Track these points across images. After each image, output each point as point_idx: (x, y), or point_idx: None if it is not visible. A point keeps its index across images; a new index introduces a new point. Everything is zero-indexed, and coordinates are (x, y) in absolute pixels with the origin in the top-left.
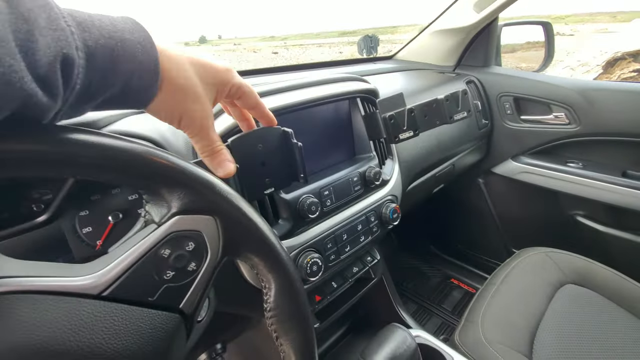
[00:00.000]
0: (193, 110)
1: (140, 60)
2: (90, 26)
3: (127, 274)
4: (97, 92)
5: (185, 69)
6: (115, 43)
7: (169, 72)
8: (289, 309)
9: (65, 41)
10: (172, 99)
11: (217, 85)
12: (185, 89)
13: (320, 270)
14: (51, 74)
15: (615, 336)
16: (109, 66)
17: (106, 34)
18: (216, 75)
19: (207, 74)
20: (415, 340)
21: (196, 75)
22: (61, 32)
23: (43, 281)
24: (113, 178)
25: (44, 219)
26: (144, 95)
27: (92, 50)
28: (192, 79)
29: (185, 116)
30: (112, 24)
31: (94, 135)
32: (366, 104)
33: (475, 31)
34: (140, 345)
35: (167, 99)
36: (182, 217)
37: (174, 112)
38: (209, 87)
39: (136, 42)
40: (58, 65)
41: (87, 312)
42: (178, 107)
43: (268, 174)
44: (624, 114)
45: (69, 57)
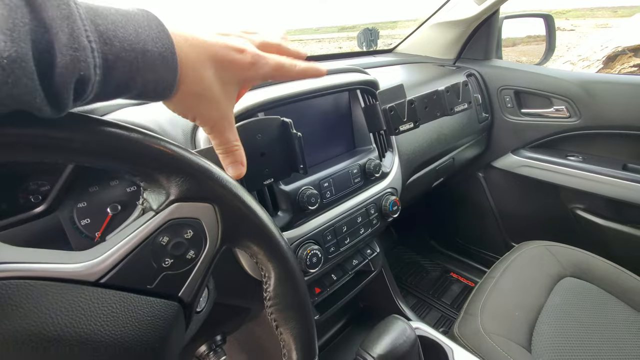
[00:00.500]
0: (208, 113)
1: (159, 71)
2: (113, 38)
3: (125, 261)
4: (109, 98)
5: (203, 74)
6: (135, 56)
7: (186, 79)
8: (289, 298)
9: (85, 62)
10: (186, 102)
11: (241, 83)
12: (201, 95)
13: (319, 262)
14: (64, 93)
15: (614, 328)
16: (127, 77)
17: (128, 46)
18: (238, 74)
19: (229, 73)
20: (414, 332)
21: (215, 76)
22: (82, 52)
23: (40, 267)
24: (109, 164)
25: (41, 209)
26: (156, 99)
27: (110, 65)
28: (209, 84)
29: (198, 117)
30: (136, 32)
31: (90, 121)
32: (366, 95)
33: (476, 24)
34: (138, 332)
35: (181, 101)
36: (181, 205)
37: (187, 113)
38: (231, 86)
39: (158, 53)
40: (72, 86)
41: (84, 299)
42: (191, 110)
43: (267, 165)
44: (624, 106)
45: (85, 77)
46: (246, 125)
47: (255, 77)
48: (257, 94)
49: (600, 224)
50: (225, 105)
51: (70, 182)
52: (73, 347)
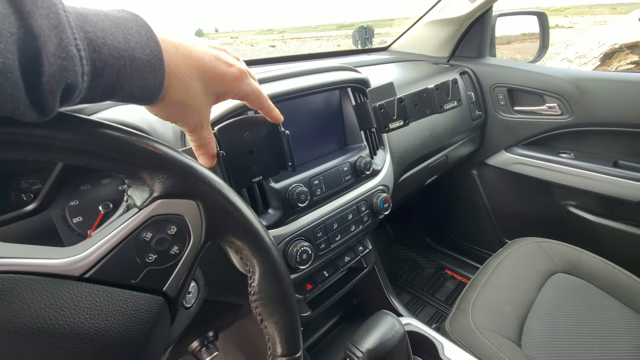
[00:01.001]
0: (190, 118)
1: (146, 78)
2: (102, 45)
3: (109, 256)
4: (94, 101)
5: (190, 84)
6: (124, 63)
7: (172, 89)
8: (273, 293)
9: (73, 71)
10: (171, 109)
11: (222, 94)
12: (185, 103)
13: (310, 259)
14: (50, 100)
15: (604, 324)
16: (113, 84)
17: (116, 53)
18: (222, 86)
19: (214, 84)
20: (403, 327)
21: (201, 86)
22: (70, 61)
23: (24, 262)
24: (92, 162)
25: (32, 207)
26: (141, 103)
27: (98, 72)
28: (194, 94)
29: (180, 121)
30: (125, 38)
31: (73, 120)
32: (357, 93)
33: (469, 21)
34: (123, 326)
35: (166, 109)
36: (164, 201)
37: (169, 118)
38: (211, 94)
39: (146, 60)
40: (58, 94)
41: (68, 293)
42: (175, 115)
43: (256, 162)
44: (616, 103)
45: (72, 85)
46: (234, 123)
47: (237, 92)
48: None
49: (592, 220)
50: (205, 110)
51: (62, 180)
52: (57, 339)
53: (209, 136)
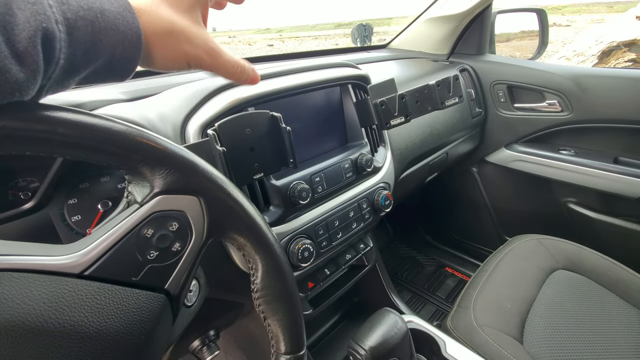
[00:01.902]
0: (192, 49)
1: (123, 30)
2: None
3: (109, 253)
4: (82, 66)
5: (163, 15)
6: (95, 15)
7: (151, 30)
8: (276, 290)
9: (44, 15)
10: (162, 47)
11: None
12: (173, 34)
13: (311, 257)
14: (31, 49)
15: (605, 320)
16: (92, 39)
17: (84, 5)
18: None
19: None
20: (406, 324)
21: (173, 11)
22: (39, 6)
23: (23, 259)
24: (92, 157)
25: (30, 205)
26: (128, 66)
27: (72, 24)
28: (173, 21)
29: (190, 57)
30: None
31: (73, 114)
32: (357, 90)
33: (468, 18)
34: (124, 324)
35: (157, 48)
36: (165, 197)
37: (174, 59)
38: (191, 12)
39: (116, 12)
40: (38, 40)
41: (68, 291)
42: (174, 52)
43: (257, 159)
44: (615, 100)
45: (49, 32)
46: (235, 120)
47: None
48: (246, 88)
49: (592, 217)
50: (200, 31)
51: (60, 178)
52: (57, 338)
53: (231, 57)
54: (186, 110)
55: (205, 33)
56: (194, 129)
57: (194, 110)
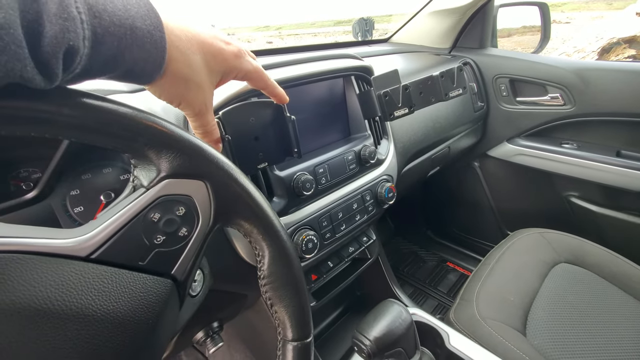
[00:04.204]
0: (194, 97)
1: (148, 50)
2: (102, 11)
3: (115, 237)
4: (96, 75)
5: (192, 58)
6: (124, 32)
7: (174, 62)
8: (283, 276)
9: (74, 32)
10: (173, 85)
11: (223, 72)
12: (188, 78)
13: (315, 248)
14: (53, 62)
15: (608, 313)
16: (114, 54)
17: (117, 20)
18: (224, 63)
19: (215, 61)
20: (410, 315)
21: (203, 62)
22: (71, 22)
23: (29, 242)
24: (98, 139)
25: (33, 195)
26: (144, 79)
27: (99, 39)
28: (197, 69)
29: (184, 102)
30: (125, 7)
31: (79, 95)
32: (360, 82)
33: (471, 11)
34: (131, 308)
35: (169, 85)
36: (172, 181)
37: (173, 97)
38: (215, 73)
39: (146, 30)
40: (61, 55)
41: (75, 274)
42: (178, 94)
43: (261, 149)
44: (618, 93)
45: (74, 48)
46: (239, 108)
47: (238, 70)
48: None
49: (594, 210)
50: (209, 91)
51: (62, 169)
52: (63, 320)
53: (212, 121)
54: None
55: (211, 94)
56: None
57: None
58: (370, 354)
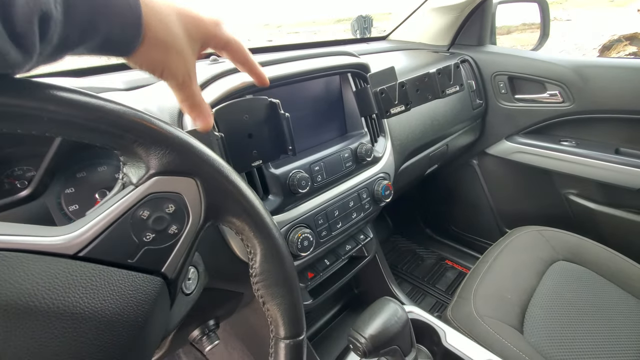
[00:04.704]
0: (175, 64)
1: (123, 14)
2: None
3: (104, 234)
4: (75, 44)
5: (170, 23)
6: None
7: (153, 28)
8: (275, 274)
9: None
10: (154, 52)
11: (203, 38)
12: (168, 43)
13: (311, 246)
14: (29, 32)
15: (606, 310)
16: (89, 19)
17: None
18: (203, 30)
19: (194, 26)
20: (406, 313)
21: (182, 28)
22: None
23: (16, 239)
24: (83, 136)
25: (26, 194)
26: (124, 47)
27: (71, 3)
28: (176, 33)
29: (166, 69)
30: None
31: (63, 91)
32: (357, 79)
33: (469, 8)
34: (120, 306)
35: (149, 52)
36: (161, 178)
37: (155, 65)
38: (194, 40)
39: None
40: (36, 22)
41: (62, 272)
42: (160, 61)
43: (255, 146)
44: (617, 90)
45: (47, 14)
46: (233, 105)
47: (219, 38)
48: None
49: (593, 208)
50: (191, 59)
51: (56, 167)
52: (50, 318)
53: (198, 93)
54: None
55: (194, 63)
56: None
57: None
58: (366, 352)
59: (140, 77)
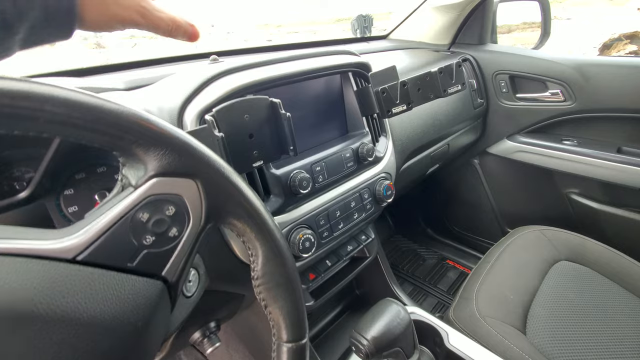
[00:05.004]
0: (123, 10)
1: None
2: None
3: (103, 237)
4: (17, 21)
5: None
6: None
7: None
8: (277, 277)
9: None
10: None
11: None
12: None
13: (312, 247)
14: None
15: (608, 310)
16: None
17: None
18: None
19: None
20: (408, 314)
21: None
22: None
23: (14, 243)
24: (81, 136)
25: (25, 195)
26: (67, 15)
27: None
28: None
29: (121, 19)
30: None
31: (60, 90)
32: (358, 78)
33: (470, 7)
34: (120, 311)
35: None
36: (161, 180)
37: (108, 22)
38: None
39: None
40: None
41: (60, 276)
42: (108, 16)
43: (256, 147)
44: (618, 89)
45: None
46: (233, 105)
47: None
48: (245, 75)
49: (595, 207)
50: None
51: (55, 167)
52: (48, 324)
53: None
54: (183, 98)
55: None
56: (191, 117)
57: (191, 98)
58: (368, 354)
59: (140, 77)
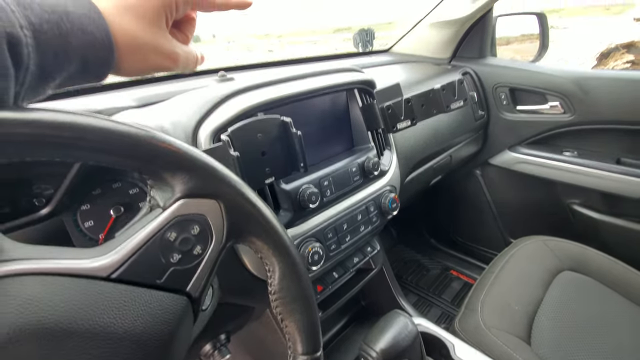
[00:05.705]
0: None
1: (91, 31)
2: (30, 2)
3: (134, 256)
4: (55, 71)
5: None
6: (59, 17)
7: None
8: (293, 291)
9: (8, 20)
10: (134, 61)
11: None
12: (139, 48)
13: (321, 260)
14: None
15: (612, 320)
16: (60, 42)
17: (48, 8)
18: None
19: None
20: (416, 326)
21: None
22: (2, 12)
23: (53, 263)
24: (116, 162)
25: (45, 212)
26: (104, 68)
27: (37, 27)
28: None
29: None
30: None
31: (98, 119)
32: (363, 95)
33: (470, 22)
34: (149, 326)
35: (130, 62)
36: (187, 201)
37: (143, 70)
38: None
39: (81, 13)
40: (4, 46)
41: (97, 293)
42: (144, 64)
43: (268, 164)
44: (617, 102)
45: (14, 37)
46: (247, 125)
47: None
48: (257, 94)
49: (596, 218)
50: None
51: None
52: (87, 340)
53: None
54: (198, 116)
55: (168, 39)
56: (206, 135)
57: (205, 116)
58: None
59: (151, 93)
